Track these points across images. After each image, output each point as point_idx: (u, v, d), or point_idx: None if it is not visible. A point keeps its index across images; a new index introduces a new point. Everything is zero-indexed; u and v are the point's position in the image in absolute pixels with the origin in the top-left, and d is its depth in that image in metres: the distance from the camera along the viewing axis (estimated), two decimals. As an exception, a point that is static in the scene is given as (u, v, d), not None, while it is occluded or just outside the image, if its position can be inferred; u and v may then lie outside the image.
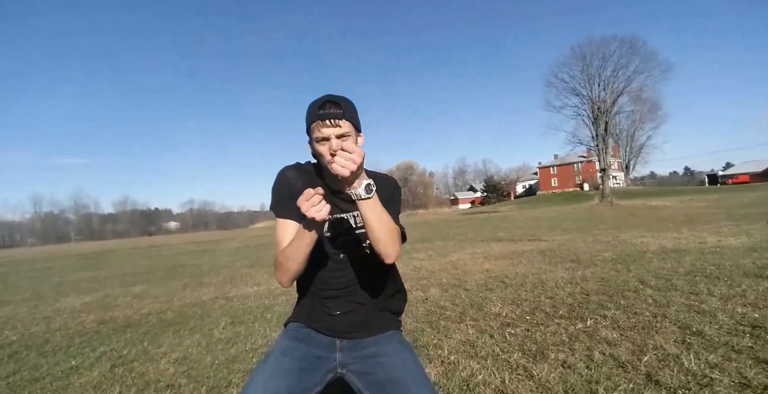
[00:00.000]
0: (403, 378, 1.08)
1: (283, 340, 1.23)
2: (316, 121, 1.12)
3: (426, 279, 4.91)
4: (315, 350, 1.20)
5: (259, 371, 1.11)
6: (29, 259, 20.69)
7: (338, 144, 1.08)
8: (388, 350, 1.19)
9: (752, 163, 59.83)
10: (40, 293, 6.88)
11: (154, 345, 3.12)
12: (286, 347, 1.19)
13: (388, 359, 1.15)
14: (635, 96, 32.16)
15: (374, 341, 1.23)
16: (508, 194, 68.93)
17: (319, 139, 1.13)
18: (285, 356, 1.16)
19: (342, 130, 1.12)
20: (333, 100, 1.13)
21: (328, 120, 1.11)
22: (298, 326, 1.28)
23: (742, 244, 5.64)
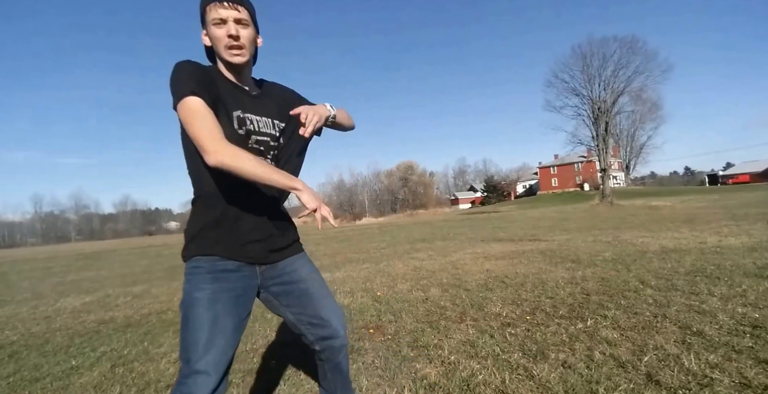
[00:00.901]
0: (317, 294, 1.31)
1: (201, 286, 1.11)
2: (213, 2, 1.09)
3: (426, 279, 4.91)
4: (239, 284, 1.16)
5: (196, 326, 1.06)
6: (30, 259, 20.69)
7: (236, 29, 1.10)
8: (303, 272, 1.32)
9: (752, 163, 59.80)
10: (40, 292, 6.88)
11: (155, 345, 3.13)
12: (212, 294, 1.10)
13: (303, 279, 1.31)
14: (635, 96, 32.12)
15: (288, 263, 1.30)
16: (508, 194, 68.92)
17: (216, 20, 1.09)
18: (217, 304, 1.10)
19: (241, 15, 1.11)
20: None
21: (226, 2, 1.08)
22: (210, 259, 1.13)
23: (742, 244, 5.64)
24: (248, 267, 1.20)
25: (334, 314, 1.32)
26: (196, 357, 1.04)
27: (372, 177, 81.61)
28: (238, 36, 1.11)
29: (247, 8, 1.13)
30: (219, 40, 1.11)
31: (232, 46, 1.11)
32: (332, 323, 1.30)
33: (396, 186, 78.41)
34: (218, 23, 1.10)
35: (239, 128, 1.14)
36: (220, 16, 1.08)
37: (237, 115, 1.14)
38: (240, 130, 1.15)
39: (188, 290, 1.12)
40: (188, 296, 1.11)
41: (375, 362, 2.40)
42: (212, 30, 1.11)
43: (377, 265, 6.57)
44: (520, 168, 77.40)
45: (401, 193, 77.35)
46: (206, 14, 1.11)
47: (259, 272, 1.25)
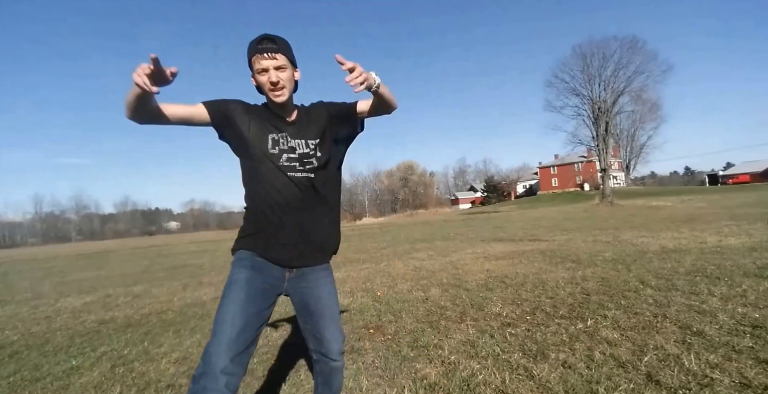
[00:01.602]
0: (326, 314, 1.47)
1: (242, 270, 1.37)
2: (255, 55, 1.33)
3: (426, 279, 4.91)
4: (270, 280, 1.40)
5: (229, 302, 1.30)
6: (30, 259, 20.70)
7: (276, 75, 1.34)
8: (323, 291, 1.48)
9: (753, 163, 59.74)
10: (40, 292, 6.88)
11: (155, 345, 3.13)
12: (249, 278, 1.36)
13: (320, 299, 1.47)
14: (636, 96, 32.14)
15: (315, 278, 1.48)
16: (508, 194, 68.88)
17: (259, 70, 1.34)
18: (250, 287, 1.34)
19: (279, 63, 1.34)
20: (269, 36, 1.34)
21: (266, 53, 1.32)
22: (252, 255, 1.41)
23: (742, 244, 5.64)
24: (278, 270, 1.42)
25: (334, 338, 1.47)
26: (224, 328, 1.25)
27: (372, 177, 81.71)
28: (277, 82, 1.34)
29: (284, 53, 1.35)
30: (263, 85, 1.36)
31: (273, 89, 1.35)
32: (331, 345, 1.46)
33: (396, 186, 78.42)
34: (261, 72, 1.34)
35: (272, 148, 1.39)
36: (263, 67, 1.33)
37: (272, 137, 1.40)
38: (273, 149, 1.39)
39: (230, 274, 1.38)
40: (229, 279, 1.37)
41: (375, 362, 2.40)
42: (258, 77, 1.36)
43: (377, 265, 6.57)
44: (520, 168, 77.35)
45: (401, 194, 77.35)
46: (252, 64, 1.35)
47: (288, 277, 1.45)
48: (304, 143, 1.42)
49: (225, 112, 1.37)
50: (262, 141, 1.38)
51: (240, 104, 1.41)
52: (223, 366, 1.19)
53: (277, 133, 1.40)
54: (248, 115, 1.40)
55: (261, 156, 1.38)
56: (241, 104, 1.42)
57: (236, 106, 1.40)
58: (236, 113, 1.39)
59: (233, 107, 1.39)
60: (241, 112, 1.39)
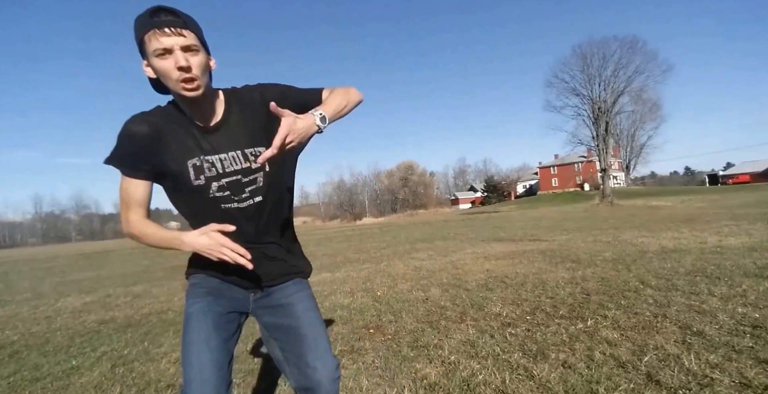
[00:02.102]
0: (308, 335, 1.16)
1: (197, 299, 1.13)
2: (152, 30, 0.92)
3: (426, 279, 4.91)
4: (230, 303, 1.16)
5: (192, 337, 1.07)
6: (30, 259, 20.70)
7: (186, 58, 0.94)
8: (299, 308, 1.20)
9: (753, 163, 59.74)
10: (40, 292, 6.89)
11: (155, 345, 3.13)
12: (205, 307, 1.11)
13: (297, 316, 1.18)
14: (636, 96, 32.16)
15: (285, 295, 1.21)
16: (508, 194, 68.87)
17: (159, 51, 0.93)
18: (208, 317, 1.10)
19: (188, 41, 0.94)
20: (168, 8, 0.94)
21: (167, 27, 0.92)
22: (206, 277, 1.16)
23: (742, 244, 5.63)
24: (240, 291, 1.18)
25: (322, 362, 1.13)
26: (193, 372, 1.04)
27: (372, 177, 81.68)
28: (189, 67, 0.94)
29: (193, 30, 0.96)
30: (167, 74, 0.95)
31: (184, 79, 0.95)
32: (318, 373, 1.12)
33: (396, 186, 78.38)
34: (162, 54, 0.93)
35: (196, 179, 1.05)
36: (164, 46, 0.92)
37: (193, 163, 1.05)
38: (198, 180, 1.06)
39: (186, 306, 1.14)
40: (186, 312, 1.13)
41: (375, 362, 2.40)
42: (156, 62, 0.94)
43: (377, 265, 6.57)
44: (520, 168, 77.34)
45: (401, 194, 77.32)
46: (145, 44, 0.94)
47: (252, 299, 1.20)
48: (238, 157, 1.08)
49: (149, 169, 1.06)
50: (183, 173, 1.05)
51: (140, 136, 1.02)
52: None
53: (199, 154, 1.05)
54: (157, 144, 1.04)
55: (188, 190, 1.08)
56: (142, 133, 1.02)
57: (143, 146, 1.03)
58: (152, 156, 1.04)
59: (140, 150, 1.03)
60: (151, 148, 1.03)
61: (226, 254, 0.98)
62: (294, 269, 1.25)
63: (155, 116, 1.05)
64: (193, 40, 0.96)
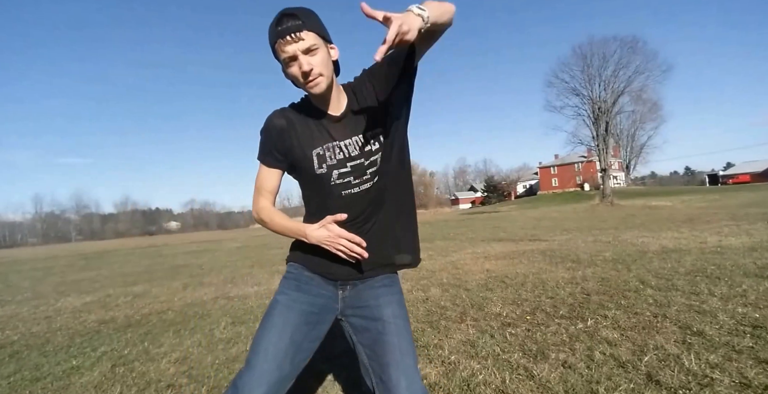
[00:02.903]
0: (394, 344, 1.11)
1: (285, 290, 1.19)
2: (277, 41, 1.04)
3: (426, 279, 4.91)
4: (319, 301, 1.18)
5: (267, 328, 1.12)
6: (30, 259, 20.71)
7: (307, 62, 1.04)
8: (386, 312, 1.16)
9: (753, 163, 59.74)
10: (41, 292, 6.88)
11: (155, 345, 3.13)
12: (292, 300, 1.16)
13: (383, 320, 1.14)
14: (636, 96, 32.15)
15: (374, 295, 1.18)
16: (508, 194, 68.85)
17: (286, 60, 1.05)
18: (290, 312, 1.14)
19: (306, 43, 1.03)
20: (288, 12, 1.04)
21: (288, 35, 1.02)
22: (300, 269, 1.21)
23: (742, 244, 5.63)
24: (331, 288, 1.19)
25: (406, 377, 1.07)
26: (257, 359, 1.08)
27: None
28: (309, 70, 1.04)
29: (311, 29, 1.05)
30: (296, 78, 1.09)
31: (308, 80, 1.06)
32: (401, 388, 1.06)
33: (396, 186, 78.29)
34: (289, 62, 1.06)
35: (319, 167, 1.14)
36: (289, 55, 1.04)
37: (316, 153, 1.14)
38: (320, 168, 1.13)
39: (276, 292, 1.21)
40: (273, 298, 1.19)
41: (375, 362, 2.40)
42: (286, 70, 1.09)
43: (377, 265, 6.56)
44: (520, 168, 77.29)
45: (401, 193, 77.25)
46: (277, 53, 1.07)
47: (341, 297, 1.20)
48: (359, 142, 1.14)
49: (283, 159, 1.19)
50: (307, 161, 1.14)
51: (276, 128, 1.16)
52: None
53: (322, 144, 1.14)
54: (289, 135, 1.16)
55: (309, 178, 1.17)
56: (278, 125, 1.16)
57: (277, 137, 1.16)
58: (284, 146, 1.17)
59: (276, 141, 1.17)
60: (284, 139, 1.16)
61: (344, 246, 1.07)
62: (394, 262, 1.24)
63: (290, 111, 1.19)
64: (313, 39, 1.05)
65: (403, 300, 1.23)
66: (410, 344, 1.14)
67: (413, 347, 1.16)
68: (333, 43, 1.14)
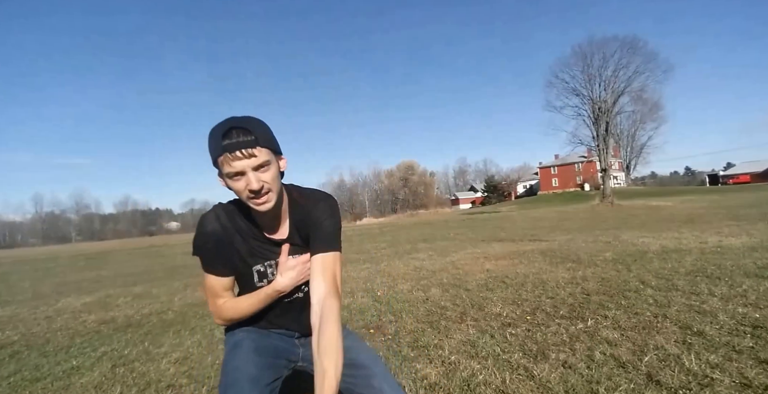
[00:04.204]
0: (365, 361, 1.20)
1: (245, 333, 1.21)
2: (223, 154, 0.96)
3: (427, 279, 4.91)
4: (280, 344, 1.23)
5: (238, 359, 1.11)
6: (30, 259, 20.71)
7: (258, 179, 0.99)
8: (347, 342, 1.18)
9: (753, 163, 59.73)
10: (41, 293, 6.89)
11: (155, 345, 3.13)
12: (256, 338, 1.19)
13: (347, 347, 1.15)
14: (636, 96, 32.21)
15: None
16: (508, 194, 68.87)
17: (231, 174, 0.99)
18: (258, 344, 1.17)
19: (259, 160, 0.98)
20: (239, 125, 0.97)
21: (239, 151, 0.95)
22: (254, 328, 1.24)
23: (743, 244, 5.63)
24: (286, 339, 1.26)
25: (389, 385, 1.16)
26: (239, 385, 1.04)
27: (372, 177, 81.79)
28: (260, 188, 1.00)
29: (264, 145, 0.99)
30: (240, 193, 1.02)
31: (254, 198, 1.02)
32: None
33: (396, 186, 78.42)
34: (235, 176, 0.99)
35: (259, 281, 1.20)
36: (236, 170, 0.98)
37: (257, 269, 1.19)
38: (260, 283, 1.19)
39: (229, 341, 1.21)
40: (230, 343, 1.20)
41: (375, 362, 2.40)
42: (230, 183, 1.02)
43: (378, 265, 6.57)
44: (520, 168, 77.34)
45: (402, 194, 77.36)
46: (220, 167, 1.01)
47: (300, 343, 1.27)
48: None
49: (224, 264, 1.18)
50: (247, 277, 1.19)
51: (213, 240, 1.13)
52: None
53: (263, 262, 1.18)
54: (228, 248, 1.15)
55: (248, 288, 1.21)
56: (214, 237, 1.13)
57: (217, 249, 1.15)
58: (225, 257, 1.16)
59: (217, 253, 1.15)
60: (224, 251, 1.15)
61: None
62: None
63: (225, 218, 1.15)
64: (265, 155, 1.00)
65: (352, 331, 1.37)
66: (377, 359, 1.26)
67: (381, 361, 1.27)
68: (283, 155, 1.10)
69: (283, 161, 1.10)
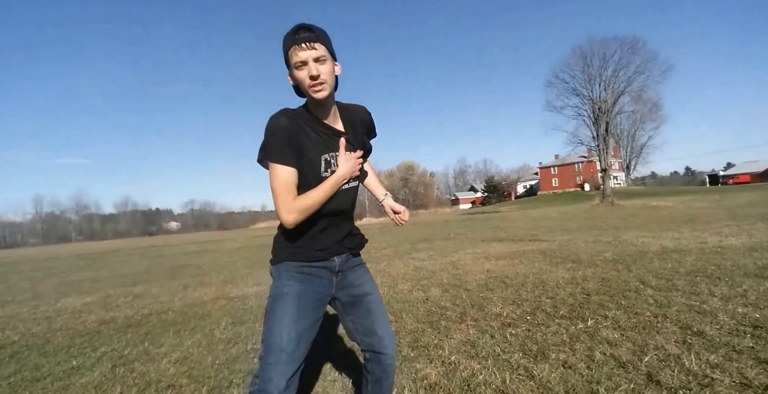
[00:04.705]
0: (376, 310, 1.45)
1: (291, 282, 1.30)
2: (293, 46, 1.17)
3: (427, 279, 4.91)
4: (320, 289, 1.35)
5: (282, 314, 1.25)
6: (30, 259, 20.71)
7: (316, 68, 1.18)
8: (367, 288, 1.46)
9: (753, 163, 59.74)
10: (41, 293, 6.89)
11: (155, 345, 3.13)
12: (300, 291, 1.29)
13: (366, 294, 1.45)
14: (636, 96, 32.11)
15: (356, 276, 1.45)
16: (508, 194, 68.86)
17: (297, 64, 1.19)
18: (301, 299, 1.28)
19: (318, 53, 1.18)
20: (305, 25, 1.19)
21: (304, 43, 1.16)
22: (300, 265, 1.33)
23: (743, 244, 5.63)
24: (327, 275, 1.37)
25: (387, 334, 1.44)
26: (280, 343, 1.20)
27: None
28: (318, 75, 1.18)
29: (323, 43, 1.20)
30: (303, 82, 1.20)
31: (314, 84, 1.19)
32: (384, 341, 1.42)
33: (396, 186, 78.32)
34: (300, 66, 1.18)
35: (325, 171, 1.29)
36: (301, 59, 1.17)
37: (324, 158, 1.29)
38: (326, 172, 1.29)
39: (277, 286, 1.31)
40: (278, 291, 1.30)
41: (375, 363, 2.40)
42: (296, 73, 1.20)
43: (378, 265, 6.56)
44: (520, 168, 77.31)
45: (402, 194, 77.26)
46: (289, 58, 1.19)
47: (335, 282, 1.40)
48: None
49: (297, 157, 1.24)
50: (316, 166, 1.28)
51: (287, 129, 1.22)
52: (280, 390, 1.16)
53: (329, 152, 1.30)
54: (300, 137, 1.25)
55: (314, 180, 1.27)
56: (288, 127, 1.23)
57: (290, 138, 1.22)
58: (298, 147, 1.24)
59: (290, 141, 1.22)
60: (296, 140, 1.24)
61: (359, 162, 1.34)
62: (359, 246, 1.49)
63: (293, 114, 1.27)
64: (323, 51, 1.19)
65: (369, 272, 1.53)
66: (383, 308, 1.49)
67: (385, 310, 1.50)
68: (337, 61, 1.28)
69: (337, 67, 1.28)
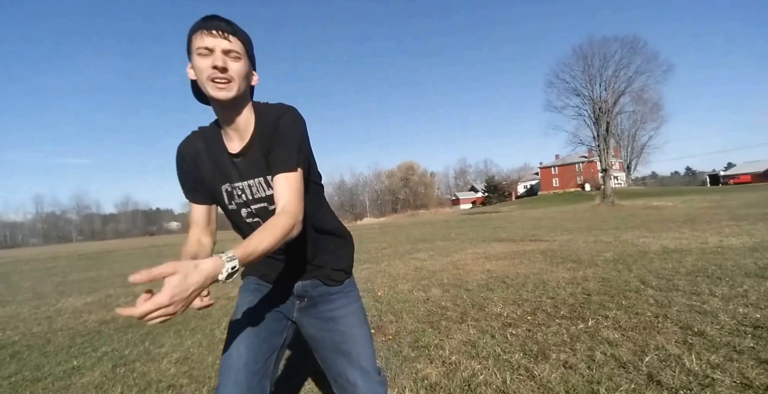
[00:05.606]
0: (350, 350, 1.14)
1: (245, 295, 1.17)
2: (200, 30, 0.92)
3: (427, 279, 4.91)
4: (275, 301, 1.17)
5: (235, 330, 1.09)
6: (31, 259, 20.73)
7: (223, 60, 0.92)
8: (342, 323, 1.17)
9: (754, 163, 59.67)
10: (41, 293, 6.89)
11: (156, 345, 3.13)
12: (252, 300, 1.15)
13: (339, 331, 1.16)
14: (636, 96, 32.14)
15: (329, 307, 1.18)
16: (509, 194, 68.81)
17: (201, 49, 0.92)
18: (254, 310, 1.12)
19: (231, 46, 0.94)
20: (222, 17, 0.96)
21: (215, 30, 0.92)
22: (256, 279, 1.20)
23: (743, 244, 5.63)
24: (285, 296, 1.19)
25: (364, 380, 1.11)
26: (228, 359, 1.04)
27: (373, 177, 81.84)
28: (224, 68, 0.93)
29: (240, 39, 0.96)
30: (202, 72, 0.93)
31: (215, 77, 0.93)
32: (359, 390, 1.10)
33: (397, 186, 78.39)
34: (203, 53, 0.92)
35: (230, 203, 1.10)
36: (206, 45, 0.92)
37: (225, 189, 1.09)
38: (231, 205, 1.10)
39: (237, 298, 1.20)
40: (236, 303, 1.18)
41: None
42: (196, 60, 0.93)
43: (378, 265, 6.56)
44: (521, 168, 77.21)
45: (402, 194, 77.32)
46: (191, 43, 0.94)
47: (297, 306, 1.19)
48: (263, 184, 1.05)
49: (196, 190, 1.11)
50: (220, 199, 1.11)
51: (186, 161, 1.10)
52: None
53: (229, 181, 1.08)
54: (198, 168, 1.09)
55: (229, 215, 1.14)
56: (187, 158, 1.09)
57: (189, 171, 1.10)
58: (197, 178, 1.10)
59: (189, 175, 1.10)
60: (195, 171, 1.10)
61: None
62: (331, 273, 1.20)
63: (195, 136, 1.11)
64: (238, 47, 0.96)
65: (360, 306, 1.25)
66: (366, 347, 1.16)
67: (371, 348, 1.18)
68: (255, 72, 1.06)
69: (255, 76, 1.06)
